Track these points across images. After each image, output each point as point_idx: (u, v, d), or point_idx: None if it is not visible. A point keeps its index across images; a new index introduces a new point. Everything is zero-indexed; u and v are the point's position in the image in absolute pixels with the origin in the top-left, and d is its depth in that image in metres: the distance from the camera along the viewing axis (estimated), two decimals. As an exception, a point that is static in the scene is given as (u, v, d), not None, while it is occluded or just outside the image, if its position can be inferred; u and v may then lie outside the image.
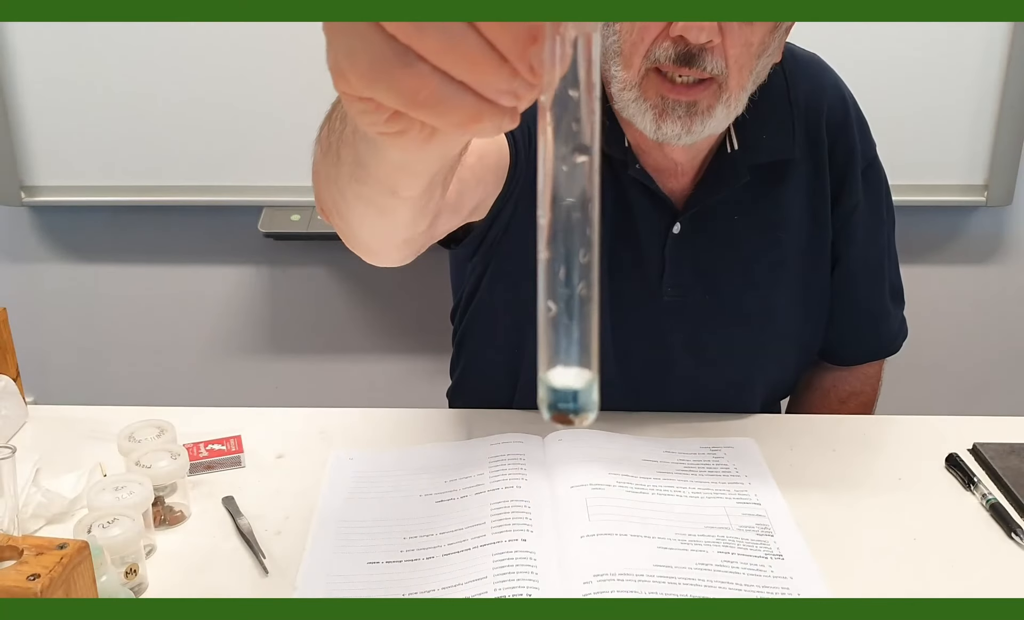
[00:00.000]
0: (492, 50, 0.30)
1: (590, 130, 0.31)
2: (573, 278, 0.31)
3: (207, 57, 1.64)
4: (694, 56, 0.78)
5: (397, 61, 0.31)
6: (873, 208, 1.02)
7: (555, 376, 0.32)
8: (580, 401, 0.32)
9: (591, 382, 0.32)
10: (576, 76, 0.30)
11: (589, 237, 0.31)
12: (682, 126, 0.82)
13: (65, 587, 0.57)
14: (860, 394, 1.12)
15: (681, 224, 0.94)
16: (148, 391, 1.91)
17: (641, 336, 0.97)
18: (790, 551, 0.76)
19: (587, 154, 0.31)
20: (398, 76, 0.31)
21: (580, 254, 0.31)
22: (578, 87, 0.30)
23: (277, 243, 1.81)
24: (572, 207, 0.31)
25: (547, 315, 0.31)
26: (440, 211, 0.67)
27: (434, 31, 0.30)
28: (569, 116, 0.30)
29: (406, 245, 0.67)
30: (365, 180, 0.54)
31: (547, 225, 0.31)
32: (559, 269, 0.31)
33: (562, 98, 0.30)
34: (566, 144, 0.31)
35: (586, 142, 0.31)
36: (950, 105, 1.69)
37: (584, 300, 0.31)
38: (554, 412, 0.32)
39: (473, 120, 0.32)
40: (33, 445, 0.91)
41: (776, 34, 0.83)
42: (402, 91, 0.32)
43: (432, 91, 0.31)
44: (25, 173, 1.71)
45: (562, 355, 0.31)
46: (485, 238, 0.94)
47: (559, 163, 0.31)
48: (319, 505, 0.82)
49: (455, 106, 0.32)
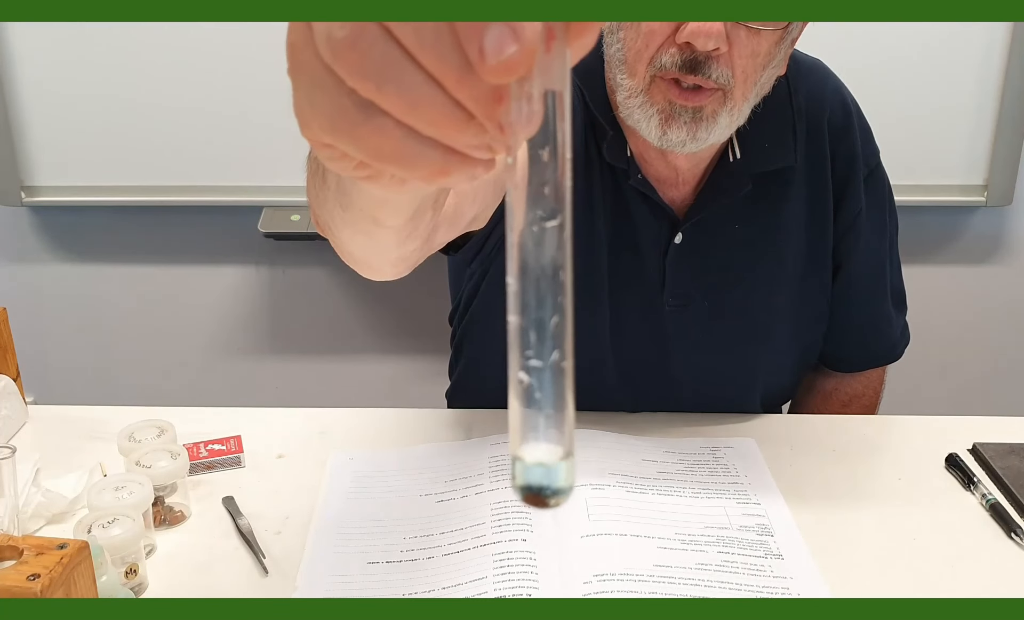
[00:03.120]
0: (458, 107, 0.29)
1: (561, 193, 0.28)
2: (546, 348, 0.29)
3: (207, 57, 1.64)
4: (700, 64, 0.78)
5: (360, 115, 0.30)
6: (875, 214, 1.02)
7: (527, 452, 0.29)
8: (555, 481, 0.29)
9: (566, 459, 0.29)
10: (546, 136, 0.28)
11: (562, 304, 0.29)
12: (687, 132, 0.81)
13: (65, 587, 0.57)
14: (862, 397, 1.12)
15: (683, 234, 0.93)
16: (148, 391, 1.91)
17: (642, 345, 0.97)
18: (790, 551, 0.76)
19: (558, 218, 0.28)
20: (361, 131, 0.30)
21: (552, 323, 0.29)
22: (549, 147, 0.28)
23: (277, 243, 1.81)
24: (542, 274, 0.29)
25: (519, 387, 0.29)
26: (437, 225, 0.66)
27: (394, 89, 0.28)
28: (538, 178, 0.28)
29: (399, 262, 0.66)
30: (348, 207, 0.54)
31: (517, 292, 0.29)
32: (530, 337, 0.29)
33: (531, 159, 0.28)
34: (535, 208, 0.28)
35: (557, 206, 0.28)
36: (950, 105, 1.69)
37: (557, 370, 0.29)
38: (526, 493, 0.29)
39: (441, 173, 0.31)
40: (33, 445, 0.91)
41: (782, 45, 0.82)
42: (366, 145, 0.30)
43: (396, 146, 0.30)
44: (25, 173, 1.71)
45: (535, 431, 0.29)
46: (484, 245, 0.94)
47: (528, 227, 0.29)
48: (319, 505, 0.82)
49: (422, 160, 0.30)
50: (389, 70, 0.28)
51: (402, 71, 0.28)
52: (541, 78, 0.28)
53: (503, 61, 0.26)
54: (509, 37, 0.26)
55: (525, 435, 0.29)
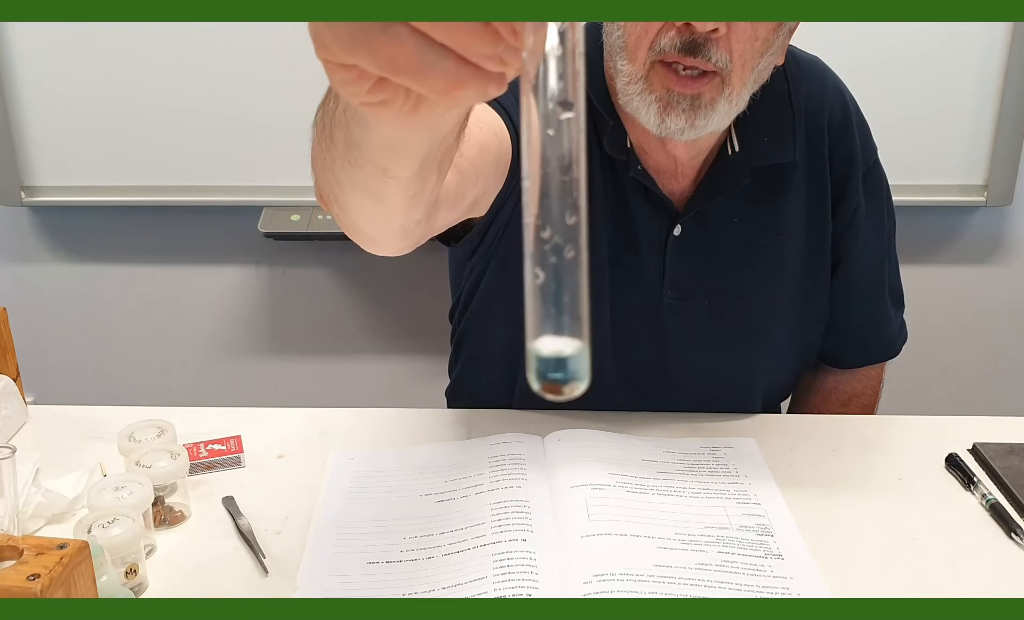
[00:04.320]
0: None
1: (574, 87, 0.29)
2: (561, 243, 0.29)
3: (207, 57, 1.64)
4: (699, 46, 0.78)
5: (376, 25, 0.30)
6: (874, 212, 1.02)
7: (543, 345, 0.30)
8: (570, 369, 0.30)
9: (581, 350, 0.30)
10: (559, 35, 0.29)
11: (576, 200, 0.29)
12: (686, 120, 0.82)
13: (65, 587, 0.57)
14: (861, 396, 1.12)
15: (682, 226, 0.94)
16: (148, 391, 1.91)
17: (641, 338, 0.97)
18: (790, 551, 0.76)
19: (571, 111, 0.29)
20: (377, 41, 0.31)
21: (567, 217, 0.29)
22: (562, 45, 0.29)
23: (277, 243, 1.81)
24: (558, 168, 0.29)
25: (534, 282, 0.30)
26: (439, 202, 0.67)
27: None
28: (555, 71, 0.29)
29: (403, 234, 0.67)
30: (357, 161, 0.54)
31: (533, 188, 0.30)
32: (546, 234, 0.29)
33: (546, 54, 0.29)
34: (550, 102, 0.29)
35: (570, 99, 0.29)
36: (950, 105, 1.69)
37: (572, 265, 0.29)
38: (543, 382, 0.30)
39: (456, 85, 0.31)
40: (33, 445, 0.91)
41: (780, 32, 0.82)
42: (382, 56, 0.31)
43: (412, 55, 0.31)
44: (25, 173, 1.71)
45: (551, 323, 0.30)
46: (485, 236, 0.94)
47: (543, 123, 0.29)
48: (319, 505, 0.82)
49: (437, 71, 0.31)
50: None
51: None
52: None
53: None
54: None
55: (541, 328, 0.30)
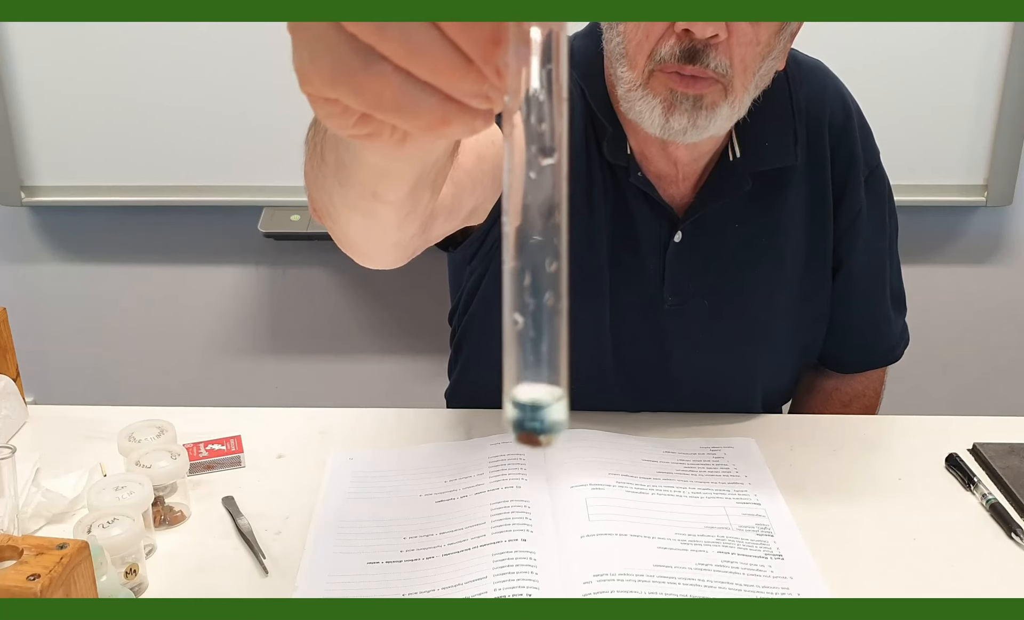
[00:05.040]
0: (456, 52, 0.29)
1: (558, 132, 0.29)
2: (541, 288, 0.29)
3: (207, 57, 1.64)
4: (699, 52, 0.78)
5: (359, 63, 0.30)
6: (875, 215, 1.02)
7: (521, 392, 0.29)
8: (547, 419, 0.29)
9: (559, 399, 0.30)
10: (542, 76, 0.29)
11: (557, 246, 0.29)
12: (688, 120, 0.81)
13: (65, 587, 0.57)
14: (863, 397, 1.12)
15: (682, 232, 0.93)
16: (148, 391, 1.91)
17: (641, 343, 0.97)
18: (790, 551, 0.76)
19: (554, 156, 0.29)
20: (360, 79, 0.30)
21: (547, 264, 0.29)
22: (546, 87, 0.29)
23: (277, 243, 1.81)
24: (539, 214, 0.29)
25: (513, 328, 0.29)
26: (434, 215, 0.66)
27: (394, 32, 0.29)
28: (535, 118, 0.29)
29: (397, 248, 0.66)
30: (347, 182, 0.53)
31: (513, 233, 0.29)
32: (525, 279, 0.29)
33: (528, 99, 0.29)
34: (532, 148, 0.29)
35: (553, 144, 0.29)
36: (950, 105, 1.69)
37: (552, 312, 0.29)
38: (519, 431, 0.30)
39: (441, 123, 0.31)
40: (33, 445, 0.91)
41: (781, 36, 0.82)
42: (365, 93, 0.31)
43: (396, 93, 0.30)
44: (25, 173, 1.71)
45: (529, 370, 0.29)
46: (484, 242, 0.94)
47: (526, 168, 0.29)
48: (319, 505, 0.82)
49: (421, 108, 0.31)
50: None
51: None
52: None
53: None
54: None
55: (519, 375, 0.30)
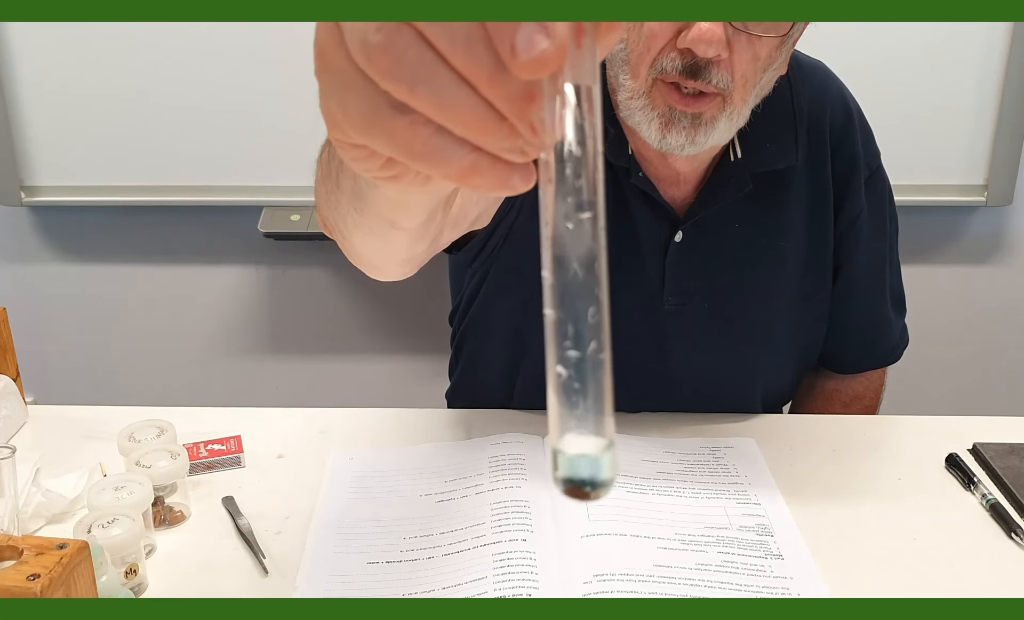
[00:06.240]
0: (490, 109, 0.29)
1: (593, 185, 0.29)
2: (584, 339, 0.29)
3: (207, 57, 1.64)
4: (700, 69, 0.78)
5: (391, 111, 0.30)
6: (876, 216, 1.02)
7: (567, 444, 0.29)
8: (597, 473, 0.29)
9: (606, 449, 0.29)
10: (578, 130, 0.28)
11: (598, 296, 0.29)
12: (686, 137, 0.82)
13: (65, 587, 0.57)
14: (863, 398, 1.12)
15: (683, 232, 0.93)
16: (148, 391, 1.91)
17: (641, 343, 0.97)
18: (790, 551, 0.76)
19: (591, 210, 0.29)
20: (392, 126, 0.30)
21: (589, 314, 0.29)
22: (581, 142, 0.28)
23: (277, 243, 1.81)
24: (578, 266, 0.29)
25: (557, 380, 0.29)
26: (442, 228, 0.67)
27: (427, 91, 0.28)
28: (572, 173, 0.29)
29: (407, 263, 0.67)
30: (363, 210, 0.53)
31: (553, 285, 0.29)
32: (568, 330, 0.29)
33: (563, 154, 0.29)
34: (569, 201, 0.29)
35: (590, 198, 0.29)
36: (950, 105, 1.69)
37: (595, 362, 0.29)
38: (568, 486, 0.29)
39: (472, 172, 0.31)
40: (33, 445, 0.91)
41: (783, 48, 0.82)
42: (396, 141, 0.30)
43: (427, 142, 0.30)
44: (25, 173, 1.71)
45: (575, 422, 0.29)
46: (486, 245, 0.94)
47: (562, 221, 0.29)
48: (319, 505, 0.82)
49: (452, 159, 0.30)
50: (422, 72, 0.28)
51: (435, 73, 0.28)
52: (572, 73, 0.28)
53: (535, 57, 0.26)
54: (540, 33, 0.26)
55: (565, 427, 0.29)
